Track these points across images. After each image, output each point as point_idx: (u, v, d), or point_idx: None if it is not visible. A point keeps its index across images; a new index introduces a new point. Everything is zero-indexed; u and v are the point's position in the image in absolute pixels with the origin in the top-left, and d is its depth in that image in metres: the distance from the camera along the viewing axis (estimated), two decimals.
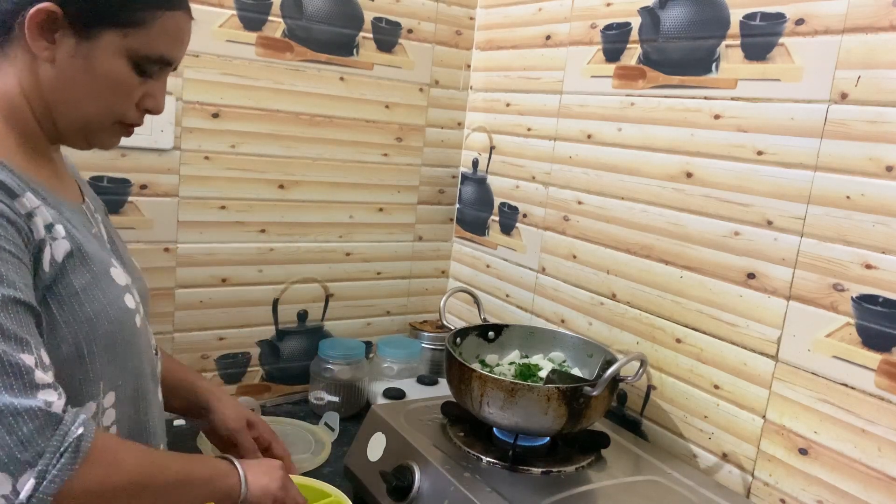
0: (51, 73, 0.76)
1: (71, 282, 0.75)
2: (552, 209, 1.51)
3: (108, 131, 0.82)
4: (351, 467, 1.20)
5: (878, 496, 0.97)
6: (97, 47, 0.76)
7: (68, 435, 0.63)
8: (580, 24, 1.43)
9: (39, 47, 0.75)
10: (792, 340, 1.07)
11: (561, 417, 1.06)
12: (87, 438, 0.64)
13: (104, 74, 0.77)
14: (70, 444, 0.63)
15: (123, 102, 0.80)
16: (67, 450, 0.63)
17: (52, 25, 0.74)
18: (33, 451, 0.61)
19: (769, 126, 1.09)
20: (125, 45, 0.77)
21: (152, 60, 0.79)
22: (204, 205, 1.48)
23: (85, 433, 0.64)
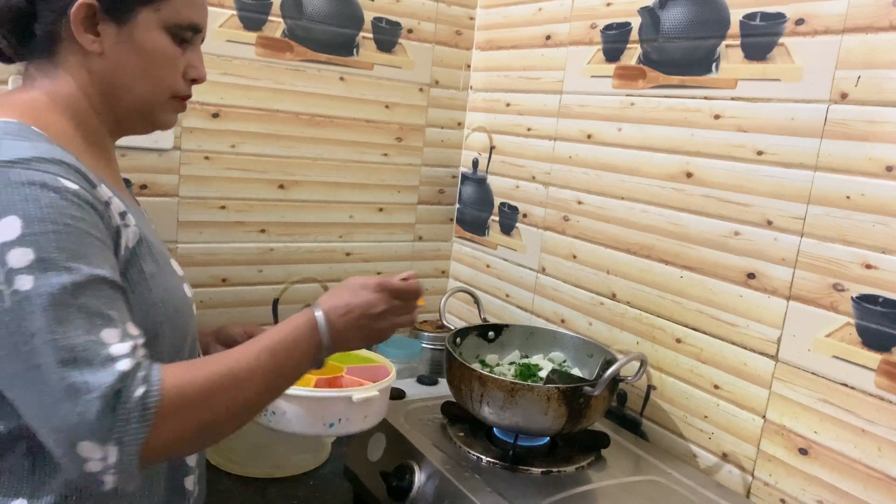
0: (102, 64, 0.81)
1: (142, 268, 0.79)
2: (552, 209, 1.51)
3: (166, 107, 0.87)
4: (351, 467, 1.20)
5: (878, 496, 0.97)
6: (137, 27, 0.80)
7: (131, 400, 0.66)
8: (580, 24, 1.43)
9: (88, 41, 0.79)
10: (792, 340, 1.07)
11: (561, 417, 1.06)
12: (152, 395, 0.67)
13: (150, 51, 0.82)
14: (135, 408, 0.66)
15: (172, 75, 0.85)
16: (134, 415, 0.66)
17: (93, 19, 0.79)
18: (108, 422, 0.65)
19: (769, 126, 1.09)
20: (159, 18, 0.81)
21: (185, 27, 0.84)
22: (204, 205, 1.48)
23: (148, 390, 0.67)
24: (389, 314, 0.88)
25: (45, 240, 0.66)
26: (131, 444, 0.66)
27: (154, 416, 0.67)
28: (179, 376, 0.70)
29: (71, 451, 0.65)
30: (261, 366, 0.77)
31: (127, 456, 0.65)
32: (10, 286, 0.65)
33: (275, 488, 1.23)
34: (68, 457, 0.65)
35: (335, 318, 0.84)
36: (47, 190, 0.68)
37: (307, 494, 1.23)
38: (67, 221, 0.68)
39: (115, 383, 0.65)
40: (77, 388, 0.64)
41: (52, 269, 0.66)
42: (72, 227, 0.68)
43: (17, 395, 0.67)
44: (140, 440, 0.66)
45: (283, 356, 0.79)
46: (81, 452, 0.65)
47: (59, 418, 0.65)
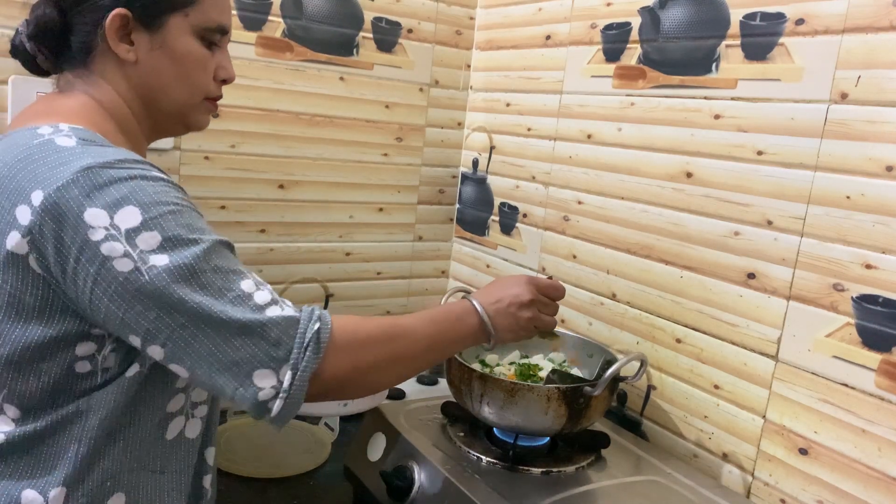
0: (138, 72, 0.84)
1: None
2: (552, 209, 1.51)
3: (200, 109, 0.91)
4: (351, 467, 1.20)
5: (878, 496, 0.97)
6: (168, 34, 0.84)
7: (308, 330, 0.74)
8: (580, 24, 1.43)
9: (123, 50, 0.82)
10: (792, 340, 1.07)
11: (561, 417, 1.06)
12: (325, 330, 0.75)
13: (182, 56, 0.86)
14: (311, 338, 0.74)
15: (204, 77, 0.89)
16: (310, 343, 0.74)
17: (126, 28, 0.82)
18: (285, 350, 0.73)
19: (769, 126, 1.09)
20: (189, 23, 0.85)
21: (213, 30, 0.88)
22: (204, 205, 1.48)
23: (322, 326, 0.75)
24: (535, 307, 0.98)
25: (164, 221, 0.72)
26: (305, 371, 0.73)
27: (326, 349, 0.74)
28: (347, 320, 0.79)
29: (247, 381, 0.72)
30: (422, 328, 0.86)
31: (299, 381, 0.73)
32: (145, 263, 0.70)
33: (275, 488, 1.23)
34: (244, 387, 0.72)
35: (488, 305, 0.93)
36: (146, 181, 0.74)
37: (307, 494, 1.23)
38: (174, 201, 0.74)
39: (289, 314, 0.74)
40: (247, 323, 0.72)
41: (181, 245, 0.72)
42: (181, 206, 0.75)
43: (178, 350, 0.72)
44: (313, 368, 0.73)
45: (444, 326, 0.89)
46: (256, 381, 0.72)
47: (235, 352, 0.71)
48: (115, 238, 0.70)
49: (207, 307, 0.71)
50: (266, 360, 0.72)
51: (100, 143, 0.77)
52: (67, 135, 0.76)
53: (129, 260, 0.70)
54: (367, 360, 0.79)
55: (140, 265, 0.70)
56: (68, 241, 0.70)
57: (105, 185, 0.71)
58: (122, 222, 0.70)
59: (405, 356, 0.85)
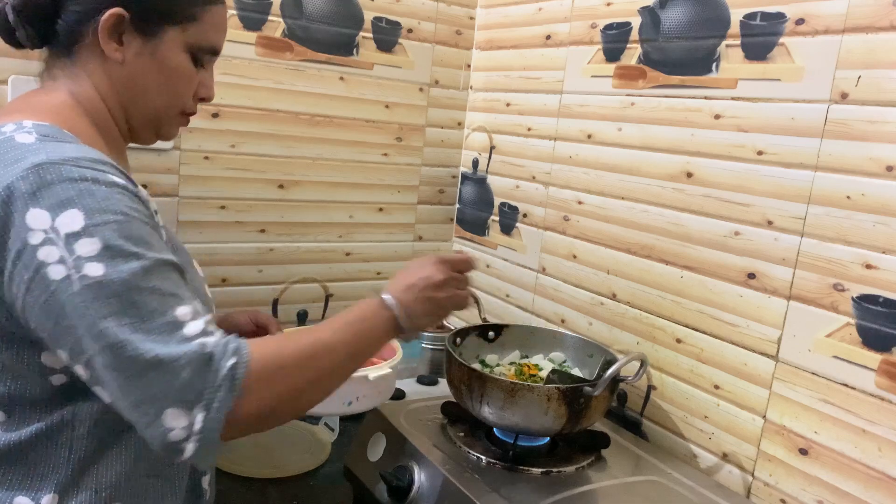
0: (122, 73, 0.82)
1: None
2: (552, 209, 1.51)
3: (174, 122, 0.90)
4: (351, 467, 1.20)
5: (878, 496, 0.97)
6: (162, 44, 0.83)
7: (221, 369, 0.69)
8: (580, 24, 1.43)
9: (111, 49, 0.81)
10: (792, 340, 1.07)
11: (561, 417, 1.06)
12: (241, 365, 0.70)
13: (170, 68, 0.84)
14: (225, 377, 0.68)
15: (186, 93, 0.87)
16: (223, 383, 0.68)
17: (119, 28, 0.80)
18: (196, 390, 0.68)
19: (769, 126, 1.09)
20: (184, 38, 0.84)
21: (206, 50, 0.86)
22: (204, 205, 1.48)
23: (238, 362, 0.70)
24: (449, 284, 0.93)
25: (108, 229, 0.69)
26: (219, 412, 0.68)
27: (242, 386, 0.69)
28: (265, 349, 0.73)
29: (156, 420, 0.67)
30: (341, 338, 0.81)
31: (212, 422, 0.68)
32: (78, 272, 0.67)
33: (275, 488, 1.23)
34: (153, 427, 0.67)
35: (400, 294, 0.88)
36: (99, 184, 0.70)
37: (307, 494, 1.23)
38: (124, 210, 0.71)
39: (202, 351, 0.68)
40: (162, 359, 0.67)
41: (120, 257, 0.68)
42: (130, 217, 0.71)
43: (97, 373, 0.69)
44: (227, 407, 0.68)
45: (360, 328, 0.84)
46: (166, 421, 0.67)
47: (145, 389, 0.67)
48: (52, 242, 0.67)
49: (126, 336, 0.67)
50: (177, 400, 0.67)
51: (60, 139, 0.74)
52: (28, 131, 0.74)
53: (63, 267, 0.67)
54: (288, 389, 0.74)
55: (72, 273, 0.67)
56: (10, 244, 0.68)
57: (53, 184, 0.68)
58: (63, 226, 0.67)
59: (327, 373, 0.80)
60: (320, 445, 1.38)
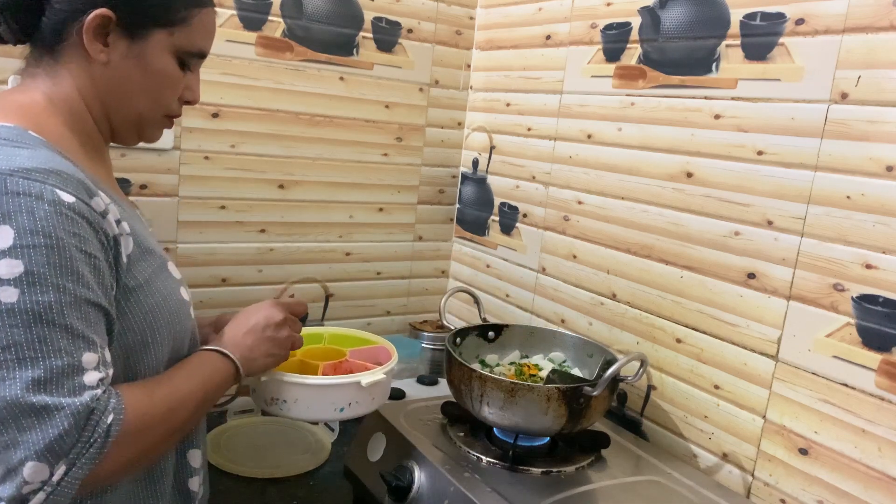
0: (105, 74, 0.81)
1: (135, 274, 0.78)
2: (552, 209, 1.51)
3: (157, 124, 0.88)
4: (351, 467, 1.20)
5: (878, 496, 0.97)
6: (148, 47, 0.81)
7: (98, 425, 0.68)
8: (580, 24, 1.43)
9: (96, 50, 0.79)
10: (792, 340, 1.07)
11: (561, 417, 1.06)
12: (117, 422, 0.69)
13: (155, 71, 0.83)
14: (99, 434, 0.67)
15: (171, 96, 0.86)
16: (96, 441, 0.67)
17: (105, 29, 0.79)
18: (68, 444, 0.66)
19: (769, 126, 1.09)
20: (171, 42, 0.82)
21: (193, 54, 0.86)
22: (204, 205, 1.48)
23: (115, 418, 0.69)
24: (287, 325, 0.96)
25: (36, 254, 0.66)
26: (81, 468, 0.67)
27: (112, 443, 0.68)
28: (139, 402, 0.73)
29: (16, 469, 0.65)
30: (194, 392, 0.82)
31: (71, 478, 0.66)
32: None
33: (275, 488, 1.23)
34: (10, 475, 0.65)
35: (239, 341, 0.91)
36: (43, 202, 0.68)
37: (307, 494, 1.23)
38: (61, 236, 0.68)
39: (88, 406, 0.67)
40: (46, 408, 0.65)
41: (40, 286, 0.66)
42: (64, 243, 0.68)
43: None
44: (91, 465, 0.67)
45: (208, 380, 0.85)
46: (26, 473, 0.65)
47: (18, 433, 0.65)
48: None
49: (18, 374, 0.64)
50: (44, 453, 0.65)
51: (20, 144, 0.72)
52: None
53: None
54: (152, 442, 0.75)
55: None
56: None
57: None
58: None
59: (183, 424, 0.81)
60: (320, 445, 1.38)
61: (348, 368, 1.09)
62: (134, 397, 0.72)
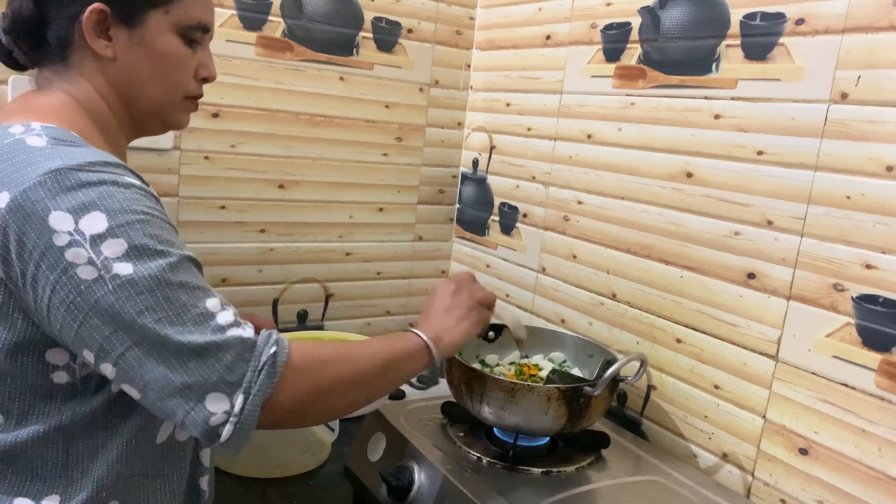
0: (116, 68, 0.82)
1: None
2: (552, 209, 1.51)
3: (180, 108, 0.89)
4: (351, 467, 1.20)
5: (878, 496, 0.97)
6: (148, 30, 0.82)
7: (263, 355, 0.72)
8: (580, 24, 1.43)
9: (101, 46, 0.80)
10: (792, 340, 1.07)
11: (561, 417, 1.06)
12: (282, 353, 0.73)
13: (161, 53, 0.83)
14: (266, 363, 0.72)
15: (184, 76, 0.86)
16: (264, 368, 0.72)
17: (104, 24, 0.80)
18: (238, 374, 0.71)
19: (769, 126, 1.09)
20: (169, 20, 0.83)
21: (194, 28, 0.85)
22: (204, 205, 1.48)
23: (279, 350, 0.73)
24: (464, 287, 1.02)
25: (132, 229, 0.70)
26: (258, 395, 0.71)
27: (283, 373, 0.73)
28: (304, 343, 0.78)
29: (199, 405, 0.70)
30: (376, 349, 0.86)
31: (251, 406, 0.71)
32: (108, 272, 0.68)
33: (275, 488, 1.23)
34: (195, 412, 0.70)
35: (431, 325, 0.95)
36: (118, 186, 0.71)
37: (307, 494, 1.23)
38: (146, 210, 0.72)
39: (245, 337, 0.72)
40: (204, 346, 0.70)
41: (147, 255, 0.70)
42: (150, 216, 0.72)
43: (130, 369, 0.70)
44: (266, 393, 0.71)
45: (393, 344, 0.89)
46: (209, 405, 0.70)
47: (187, 375, 0.69)
48: (79, 244, 0.68)
49: (164, 327, 0.69)
50: (219, 384, 0.70)
51: (71, 143, 0.74)
52: (38, 134, 0.74)
53: (93, 268, 0.68)
54: (325, 382, 0.78)
55: (103, 273, 0.68)
56: (30, 246, 0.68)
57: (72, 189, 0.69)
58: (88, 228, 0.68)
59: (364, 377, 0.83)
60: (320, 445, 1.38)
61: None
62: (299, 342, 0.77)
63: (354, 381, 0.81)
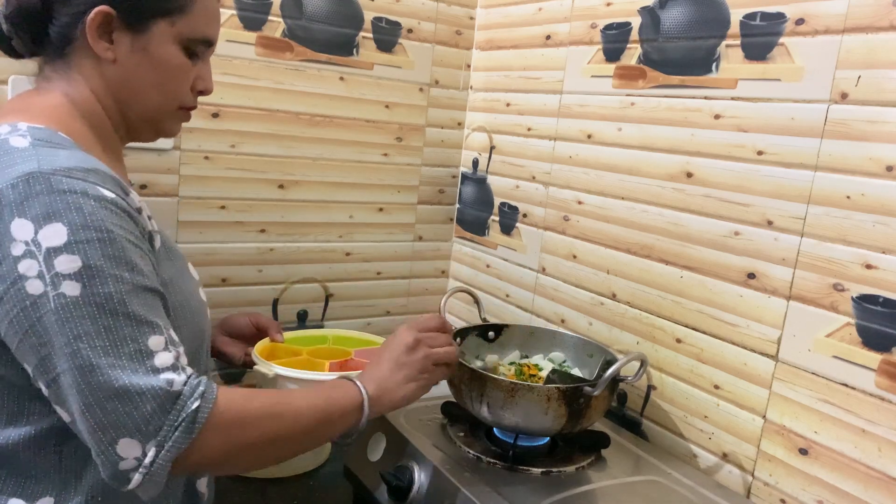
0: (115, 71, 0.82)
1: (162, 272, 0.79)
2: (552, 209, 1.51)
3: (173, 118, 0.89)
4: (351, 467, 1.20)
5: (878, 496, 0.97)
6: (152, 39, 0.81)
7: (184, 409, 0.69)
8: (580, 24, 1.43)
9: (102, 48, 0.80)
10: (792, 340, 1.07)
11: (561, 417, 1.06)
12: (204, 410, 0.70)
13: (162, 63, 0.83)
14: (185, 418, 0.69)
15: (182, 87, 0.86)
16: (182, 423, 0.69)
17: (108, 27, 0.79)
18: (155, 426, 0.68)
19: (769, 126, 1.09)
20: (175, 31, 0.82)
21: (198, 41, 0.85)
22: (204, 205, 1.48)
23: (202, 405, 0.70)
24: (423, 345, 0.94)
25: (90, 248, 0.68)
26: (170, 451, 0.68)
27: (202, 429, 0.70)
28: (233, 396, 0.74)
29: (111, 447, 0.68)
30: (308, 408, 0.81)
31: (162, 460, 0.68)
32: (55, 289, 0.66)
33: (275, 488, 1.23)
34: (106, 454, 0.68)
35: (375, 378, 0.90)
36: (88, 198, 0.69)
37: (307, 494, 1.23)
38: (111, 228, 0.69)
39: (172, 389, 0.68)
40: (128, 389, 0.67)
41: (99, 278, 0.68)
42: (115, 235, 0.70)
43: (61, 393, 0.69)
44: (180, 449, 0.69)
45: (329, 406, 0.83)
46: (120, 450, 0.68)
47: (105, 415, 0.67)
48: (33, 255, 0.66)
49: (98, 356, 0.67)
50: (134, 432, 0.67)
51: (55, 145, 0.73)
52: (23, 134, 0.73)
53: (41, 282, 0.66)
54: (244, 442, 0.74)
55: (49, 290, 0.66)
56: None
57: (41, 194, 0.67)
58: (46, 239, 0.66)
59: (290, 436, 0.79)
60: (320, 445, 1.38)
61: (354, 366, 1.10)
62: (229, 393, 0.73)
63: (277, 439, 0.78)
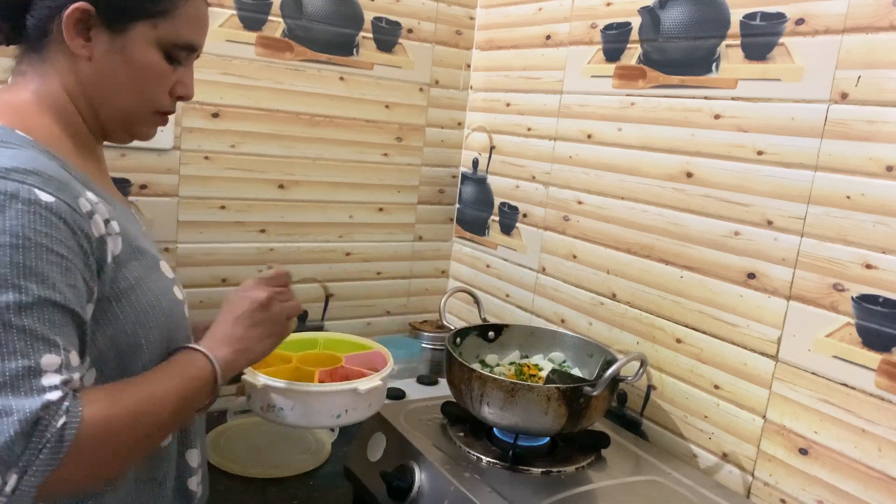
0: (90, 70, 0.79)
1: (126, 275, 0.77)
2: (552, 209, 1.51)
3: (148, 121, 0.86)
4: (351, 467, 1.20)
5: (878, 496, 0.97)
6: (130, 40, 0.79)
7: (48, 430, 0.64)
8: (580, 24, 1.43)
9: (77, 45, 0.77)
10: (792, 340, 1.07)
11: (561, 417, 1.06)
12: (71, 428, 0.65)
13: (140, 66, 0.80)
14: (49, 440, 0.64)
15: (159, 91, 0.83)
16: (47, 445, 0.64)
17: (86, 24, 0.77)
18: (15, 453, 0.63)
19: (769, 126, 1.09)
20: (155, 35, 0.80)
21: (180, 47, 0.82)
22: (204, 205, 1.48)
23: (68, 423, 0.65)
24: (275, 301, 0.90)
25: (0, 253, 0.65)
26: (35, 476, 0.64)
27: (67, 450, 0.65)
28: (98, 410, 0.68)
29: None
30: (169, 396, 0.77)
31: (25, 486, 0.64)
32: None
33: (275, 488, 1.23)
34: None
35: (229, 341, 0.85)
36: (16, 201, 0.66)
37: (307, 494, 1.23)
38: (29, 235, 0.66)
39: (37, 411, 0.63)
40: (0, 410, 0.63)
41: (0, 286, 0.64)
42: (31, 243, 0.66)
43: None
44: (46, 473, 0.64)
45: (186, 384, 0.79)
46: None
47: None
48: None
49: None
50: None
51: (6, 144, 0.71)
52: None
53: None
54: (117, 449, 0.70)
55: None
56: None
57: None
58: None
59: (156, 429, 0.76)
60: (320, 445, 1.38)
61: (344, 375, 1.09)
62: (94, 402, 0.68)
63: (148, 435, 0.75)
